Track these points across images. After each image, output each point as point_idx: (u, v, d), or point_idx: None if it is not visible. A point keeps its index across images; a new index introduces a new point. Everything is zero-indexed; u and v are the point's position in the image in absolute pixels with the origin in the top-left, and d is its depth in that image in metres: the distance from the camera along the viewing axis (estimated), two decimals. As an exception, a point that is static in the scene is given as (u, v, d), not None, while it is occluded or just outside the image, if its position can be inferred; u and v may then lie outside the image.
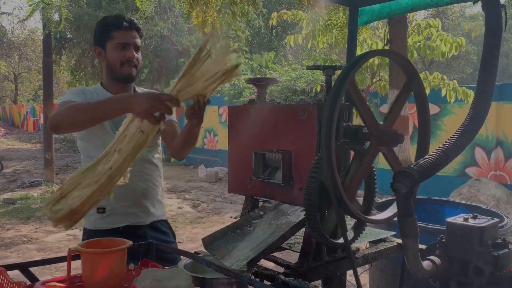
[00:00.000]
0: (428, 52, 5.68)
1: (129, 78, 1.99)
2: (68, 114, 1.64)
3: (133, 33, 1.97)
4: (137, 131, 1.42)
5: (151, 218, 2.01)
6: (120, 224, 1.94)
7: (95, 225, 1.95)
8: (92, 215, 1.91)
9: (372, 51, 1.50)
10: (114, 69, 1.96)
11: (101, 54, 2.00)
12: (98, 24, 2.04)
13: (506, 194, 6.74)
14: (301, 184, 1.45)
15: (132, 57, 1.95)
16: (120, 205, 1.90)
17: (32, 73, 33.65)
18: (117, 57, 1.94)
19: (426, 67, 19.38)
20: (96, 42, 2.02)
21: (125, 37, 1.95)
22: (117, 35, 1.94)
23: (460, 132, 1.34)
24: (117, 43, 1.94)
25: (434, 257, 1.40)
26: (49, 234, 5.86)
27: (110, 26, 1.96)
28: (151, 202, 2.01)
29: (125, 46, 1.94)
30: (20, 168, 11.92)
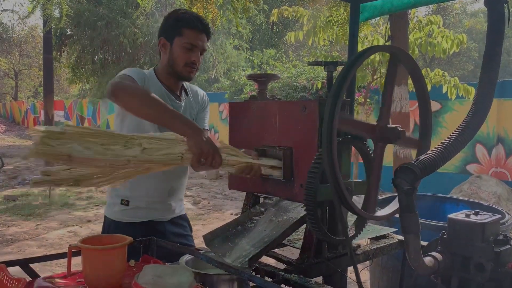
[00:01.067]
0: (429, 49, 5.66)
1: (187, 79, 1.97)
2: (136, 96, 1.58)
3: (203, 37, 1.91)
4: (179, 151, 1.41)
5: (171, 215, 2.04)
6: (143, 219, 1.95)
7: (117, 216, 1.96)
8: (115, 205, 1.95)
9: (374, 46, 1.49)
10: (175, 66, 1.91)
11: (165, 46, 1.93)
12: (170, 15, 1.95)
13: (507, 191, 6.74)
14: (301, 180, 1.44)
15: (197, 61, 1.91)
16: (145, 200, 1.93)
17: (33, 70, 33.64)
18: (183, 56, 1.89)
19: (427, 64, 19.35)
20: (162, 33, 1.93)
21: (196, 39, 1.89)
22: (188, 34, 1.88)
23: (461, 129, 1.34)
24: (186, 42, 1.88)
25: (435, 253, 1.40)
26: (50, 231, 5.87)
27: (183, 23, 1.88)
28: (174, 201, 2.04)
29: (193, 48, 1.89)
30: (21, 165, 11.92)
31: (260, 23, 17.97)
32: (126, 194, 1.93)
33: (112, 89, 1.59)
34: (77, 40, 15.16)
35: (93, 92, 18.46)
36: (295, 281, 1.32)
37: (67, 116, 20.48)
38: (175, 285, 1.20)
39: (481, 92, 1.39)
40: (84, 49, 15.29)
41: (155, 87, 1.90)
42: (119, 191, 1.94)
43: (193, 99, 2.07)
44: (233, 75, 12.02)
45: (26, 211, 6.84)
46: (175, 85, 1.98)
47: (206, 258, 1.44)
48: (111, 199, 1.99)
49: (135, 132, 1.69)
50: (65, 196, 8.02)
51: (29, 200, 7.63)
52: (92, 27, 14.04)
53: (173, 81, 1.97)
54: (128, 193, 1.92)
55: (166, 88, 1.94)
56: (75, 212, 6.89)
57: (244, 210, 1.71)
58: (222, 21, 7.33)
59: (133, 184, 1.88)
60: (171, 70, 1.93)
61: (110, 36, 13.98)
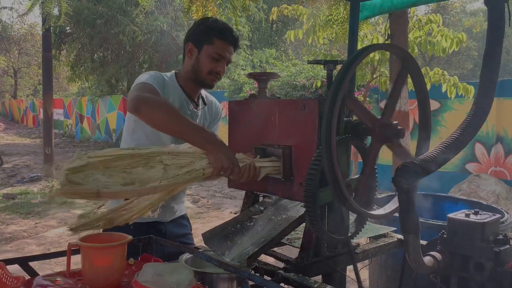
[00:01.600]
0: (428, 48, 5.65)
1: (209, 88, 1.98)
2: (160, 111, 1.58)
3: (231, 49, 1.93)
4: (201, 167, 1.44)
5: (172, 216, 2.07)
6: (144, 220, 1.89)
7: None
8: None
9: (374, 45, 1.49)
10: (199, 72, 1.92)
11: (191, 52, 1.93)
12: (202, 21, 1.97)
13: (506, 190, 6.74)
14: (301, 179, 1.44)
15: (221, 71, 1.92)
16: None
17: (32, 68, 33.60)
18: (209, 65, 1.90)
19: (427, 63, 19.35)
20: (191, 38, 1.94)
21: (225, 50, 1.90)
22: (218, 44, 1.89)
23: (462, 128, 1.34)
24: (215, 52, 1.88)
25: (435, 252, 1.40)
26: (49, 229, 5.87)
27: (215, 32, 1.89)
28: (176, 203, 2.07)
29: (221, 58, 1.90)
30: (20, 163, 11.91)
31: (259, 21, 17.95)
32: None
33: (135, 104, 1.59)
34: (76, 38, 15.14)
35: (92, 90, 18.45)
36: (294, 280, 1.32)
37: (67, 115, 20.46)
38: (175, 283, 1.20)
39: (481, 92, 1.39)
40: (83, 47, 15.27)
41: (175, 92, 1.91)
42: None
43: (208, 108, 2.09)
44: (232, 74, 12.01)
45: (25, 209, 6.83)
46: (194, 91, 1.99)
47: (206, 257, 1.44)
48: (113, 201, 1.96)
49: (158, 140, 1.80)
50: (64, 195, 8.01)
51: (28, 198, 7.63)
52: (91, 25, 14.02)
53: (193, 87, 1.98)
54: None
55: (185, 94, 1.96)
56: (74, 211, 6.89)
57: (244, 208, 1.71)
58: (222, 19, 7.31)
59: None
60: (194, 76, 1.93)
61: (109, 34, 13.97)
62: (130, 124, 1.94)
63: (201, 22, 1.96)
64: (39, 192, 8.12)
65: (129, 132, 1.96)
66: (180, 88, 1.94)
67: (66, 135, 19.64)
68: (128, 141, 1.96)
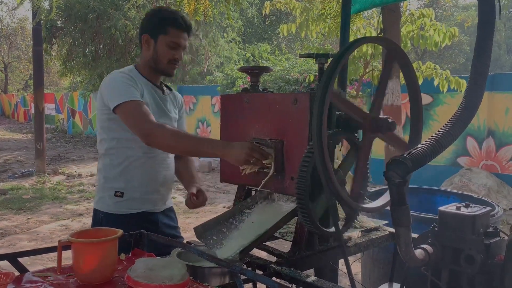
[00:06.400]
0: (421, 42, 5.66)
1: (170, 76, 2.04)
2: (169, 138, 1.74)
3: (186, 35, 1.98)
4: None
5: (164, 206, 2.07)
6: (137, 210, 1.96)
7: (111, 209, 1.96)
8: (109, 198, 1.95)
9: (363, 38, 1.49)
10: (159, 62, 1.97)
11: (148, 43, 1.97)
12: (153, 12, 2.03)
13: (497, 184, 6.80)
14: (292, 173, 1.44)
15: (180, 58, 1.98)
16: (139, 190, 1.95)
17: (22, 62, 33.26)
18: (167, 54, 1.95)
19: (419, 57, 19.41)
20: (146, 30, 1.98)
21: (180, 37, 1.95)
22: (173, 33, 1.94)
23: (453, 122, 1.34)
24: (171, 41, 1.94)
25: (426, 245, 1.40)
26: (40, 225, 5.84)
27: (168, 21, 1.94)
28: (167, 190, 2.08)
29: (177, 46, 1.96)
30: (11, 159, 11.82)
31: (252, 16, 17.89)
32: (120, 186, 1.94)
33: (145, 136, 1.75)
34: (68, 33, 14.98)
35: (84, 85, 18.30)
36: (286, 274, 1.32)
37: (58, 109, 20.31)
38: (167, 278, 1.19)
39: (472, 85, 1.39)
40: (75, 42, 15.12)
41: (142, 83, 1.95)
42: (113, 183, 1.95)
43: (172, 97, 2.14)
44: (225, 69, 11.97)
45: (17, 205, 6.79)
46: (157, 80, 2.04)
47: (198, 251, 1.43)
48: (103, 192, 1.98)
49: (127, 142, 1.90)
50: (56, 190, 7.97)
51: (20, 194, 7.57)
52: (83, 20, 13.88)
53: (155, 76, 2.03)
54: (122, 185, 1.94)
55: (151, 83, 2.00)
56: (67, 206, 6.85)
57: (236, 203, 1.71)
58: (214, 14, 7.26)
59: (127, 175, 1.93)
60: (155, 66, 1.98)
61: (101, 29, 13.84)
62: (105, 122, 1.95)
63: (153, 13, 2.02)
64: (30, 188, 8.07)
65: (104, 129, 1.98)
66: (145, 79, 1.99)
67: (58, 130, 19.50)
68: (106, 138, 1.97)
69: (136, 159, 1.93)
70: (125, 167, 1.93)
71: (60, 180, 8.87)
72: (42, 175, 9.20)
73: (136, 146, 1.91)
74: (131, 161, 1.92)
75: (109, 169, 1.96)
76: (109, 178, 1.96)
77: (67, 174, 9.53)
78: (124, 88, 1.84)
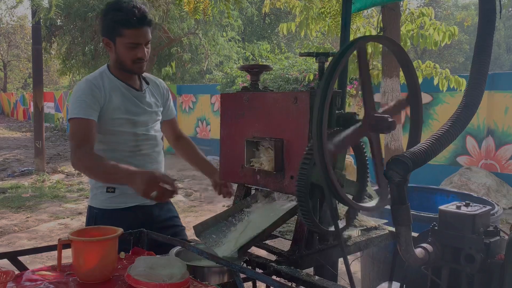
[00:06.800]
0: (421, 41, 5.66)
1: (139, 74, 2.02)
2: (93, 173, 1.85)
3: (144, 31, 1.89)
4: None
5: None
6: (130, 204, 1.98)
7: (104, 204, 1.99)
8: (101, 194, 1.98)
9: (365, 36, 1.48)
10: (124, 64, 1.94)
11: (109, 45, 1.95)
12: (105, 15, 1.93)
13: (496, 183, 6.81)
14: (292, 172, 1.44)
15: (143, 56, 1.92)
16: None
17: (22, 61, 33.22)
18: (128, 55, 1.91)
19: (419, 56, 19.42)
20: (104, 33, 1.94)
21: (137, 36, 1.88)
22: (128, 34, 1.87)
23: (452, 121, 1.34)
24: (128, 42, 1.88)
25: (426, 244, 1.40)
26: (40, 223, 5.84)
27: (120, 23, 1.86)
28: None
29: (137, 45, 1.89)
30: (11, 157, 11.81)
31: (251, 15, 17.87)
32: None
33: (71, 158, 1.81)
34: (67, 31, 14.96)
35: (83, 83, 18.26)
36: (286, 273, 1.32)
37: (57, 108, 20.29)
38: (167, 276, 1.19)
39: (472, 84, 1.39)
40: (74, 40, 15.10)
41: (112, 83, 1.95)
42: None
43: (154, 89, 2.13)
44: (225, 68, 11.96)
45: (16, 204, 6.78)
46: (129, 78, 2.01)
47: (197, 250, 1.43)
48: (96, 189, 2.02)
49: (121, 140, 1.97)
50: (55, 188, 7.96)
51: (19, 192, 7.57)
52: (82, 18, 13.86)
53: (126, 75, 2.00)
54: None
55: (123, 81, 1.99)
56: (66, 204, 6.85)
57: (236, 201, 1.71)
58: (214, 12, 7.25)
59: None
60: (121, 67, 1.96)
61: (100, 27, 13.82)
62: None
63: (105, 14, 1.94)
64: (30, 186, 8.07)
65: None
66: (115, 78, 1.97)
67: (57, 129, 19.48)
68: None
69: (122, 158, 1.92)
70: None
71: (60, 179, 8.87)
72: (41, 173, 9.20)
73: (120, 147, 1.96)
74: (118, 159, 1.90)
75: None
76: None
77: (66, 173, 9.53)
78: (78, 103, 1.87)
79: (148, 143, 2.04)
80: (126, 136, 1.96)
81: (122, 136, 1.96)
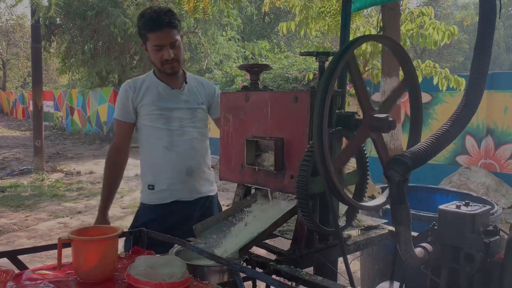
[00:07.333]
0: (420, 40, 5.66)
1: (172, 74, 2.13)
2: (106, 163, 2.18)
3: (167, 33, 2.01)
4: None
5: (197, 195, 2.17)
6: (167, 200, 2.12)
7: (147, 200, 2.16)
8: (145, 190, 2.17)
9: (365, 35, 1.48)
10: (156, 66, 2.10)
11: (146, 51, 2.12)
12: (137, 21, 2.10)
13: (496, 182, 6.81)
14: (292, 171, 1.44)
15: (168, 58, 2.04)
16: (166, 182, 2.12)
17: (21, 59, 33.18)
18: (156, 58, 2.06)
19: (418, 56, 19.42)
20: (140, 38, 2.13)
21: (160, 39, 2.01)
22: (151, 37, 2.02)
23: (452, 120, 1.34)
24: (153, 45, 2.03)
25: (426, 244, 1.40)
26: (39, 222, 5.83)
27: (144, 29, 2.03)
28: (197, 180, 2.16)
29: (161, 47, 2.02)
30: (10, 156, 11.80)
31: (251, 14, 17.86)
32: (151, 179, 2.14)
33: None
34: (67, 30, 14.96)
35: (82, 82, 18.27)
36: (286, 272, 1.32)
37: (57, 107, 20.27)
38: (167, 275, 1.19)
39: (472, 84, 1.39)
40: (73, 39, 15.09)
41: (150, 83, 2.14)
42: (146, 178, 2.16)
43: (197, 87, 2.23)
44: (225, 67, 11.96)
45: (16, 202, 6.78)
46: (169, 78, 2.14)
47: (197, 249, 1.43)
48: (142, 186, 2.20)
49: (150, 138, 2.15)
50: (55, 187, 7.96)
51: (18, 191, 7.56)
52: (81, 17, 13.85)
53: (166, 76, 2.14)
54: (152, 178, 2.14)
55: (162, 81, 2.14)
56: (65, 203, 6.85)
57: (236, 201, 1.71)
58: (213, 11, 7.25)
59: (156, 169, 2.13)
60: (156, 69, 2.15)
61: (100, 26, 13.81)
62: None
63: (137, 21, 2.11)
64: (29, 185, 8.06)
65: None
66: (156, 79, 2.15)
67: (57, 128, 19.47)
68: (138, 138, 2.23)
69: (158, 155, 2.11)
70: (152, 163, 2.14)
71: (59, 178, 8.86)
72: (40, 172, 9.19)
73: (156, 143, 2.11)
74: (155, 157, 2.11)
75: (142, 165, 2.20)
76: (143, 174, 2.19)
77: (65, 172, 9.52)
78: (117, 104, 2.16)
79: (183, 139, 2.13)
80: (160, 132, 2.10)
81: (157, 132, 2.10)
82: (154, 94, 2.11)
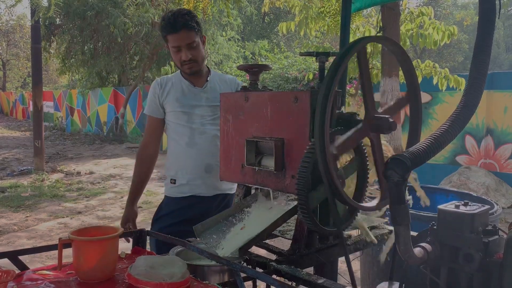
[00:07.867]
0: (420, 40, 5.65)
1: (192, 74, 2.21)
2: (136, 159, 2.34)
3: (185, 34, 2.08)
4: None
5: (215, 191, 2.23)
6: (186, 194, 2.21)
7: (169, 193, 2.27)
8: (168, 184, 2.29)
9: (367, 37, 1.48)
10: (177, 66, 2.21)
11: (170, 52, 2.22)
12: (159, 22, 2.23)
13: (495, 182, 6.82)
14: (293, 171, 1.44)
15: (185, 59, 2.12)
16: (186, 177, 2.20)
17: (21, 60, 33.18)
18: (176, 58, 2.16)
19: (418, 56, 19.42)
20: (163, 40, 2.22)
21: (177, 40, 2.09)
22: (170, 40, 2.11)
23: (452, 120, 1.34)
24: (172, 46, 2.13)
25: (425, 244, 1.40)
26: (39, 223, 5.83)
27: (164, 31, 2.12)
28: (215, 177, 2.15)
29: (179, 48, 2.11)
30: (10, 156, 11.80)
31: (251, 14, 17.86)
32: (173, 173, 2.24)
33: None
34: (67, 30, 14.95)
35: (82, 82, 18.28)
36: (286, 272, 1.32)
37: (57, 107, 20.27)
38: (168, 275, 1.19)
39: (471, 84, 1.39)
40: (73, 39, 15.09)
41: (176, 81, 2.25)
42: (170, 172, 2.27)
43: (220, 85, 2.30)
44: (224, 67, 11.96)
45: (16, 203, 6.78)
46: (193, 76, 2.23)
47: (198, 250, 1.44)
48: (166, 180, 2.31)
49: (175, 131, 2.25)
50: (55, 188, 7.96)
51: (18, 191, 7.57)
52: (81, 17, 13.85)
53: (192, 77, 2.23)
54: (174, 173, 2.24)
55: (187, 80, 2.24)
56: (65, 204, 6.85)
57: (236, 201, 1.71)
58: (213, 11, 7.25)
59: (178, 165, 2.23)
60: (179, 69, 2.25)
61: (100, 26, 13.81)
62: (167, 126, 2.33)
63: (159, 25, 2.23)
64: (29, 185, 8.06)
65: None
66: (182, 78, 2.25)
67: (56, 128, 19.47)
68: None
69: (180, 151, 2.21)
70: (175, 158, 2.24)
71: (59, 178, 8.86)
72: (40, 173, 9.19)
73: (179, 140, 2.21)
74: (178, 152, 2.22)
75: (167, 160, 2.30)
76: (167, 168, 2.29)
77: (65, 172, 9.53)
78: (148, 101, 2.28)
79: (203, 136, 2.19)
80: (182, 128, 2.20)
81: (180, 128, 2.20)
82: (178, 92, 2.21)
